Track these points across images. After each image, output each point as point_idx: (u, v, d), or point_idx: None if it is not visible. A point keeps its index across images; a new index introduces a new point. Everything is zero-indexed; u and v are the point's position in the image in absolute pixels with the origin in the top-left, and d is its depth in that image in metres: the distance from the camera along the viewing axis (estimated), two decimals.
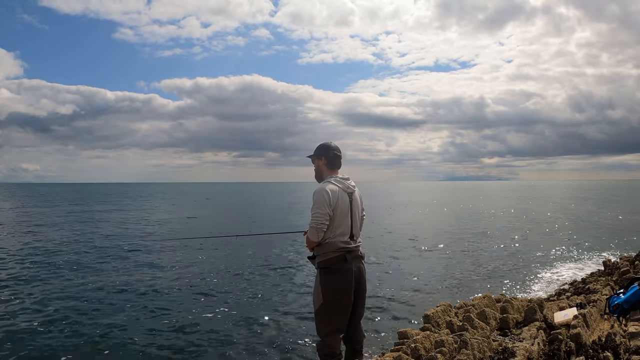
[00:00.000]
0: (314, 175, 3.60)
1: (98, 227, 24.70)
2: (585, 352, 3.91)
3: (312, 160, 3.60)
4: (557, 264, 13.77)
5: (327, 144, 3.52)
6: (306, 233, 3.59)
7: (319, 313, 3.34)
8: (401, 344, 4.78)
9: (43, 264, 13.35)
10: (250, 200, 65.87)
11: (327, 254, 3.29)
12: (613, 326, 4.77)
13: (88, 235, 20.94)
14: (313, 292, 3.42)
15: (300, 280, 11.35)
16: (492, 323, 5.42)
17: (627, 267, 8.73)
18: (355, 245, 3.38)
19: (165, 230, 24.03)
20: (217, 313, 8.58)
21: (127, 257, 14.67)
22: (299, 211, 38.19)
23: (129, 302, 9.31)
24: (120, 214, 35.51)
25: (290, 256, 14.72)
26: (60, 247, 17.04)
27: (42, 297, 9.61)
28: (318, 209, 3.23)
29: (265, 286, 10.81)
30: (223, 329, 7.67)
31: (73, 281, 11.15)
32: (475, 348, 4.19)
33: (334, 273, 3.27)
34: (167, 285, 10.77)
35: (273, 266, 13.17)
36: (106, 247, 17.00)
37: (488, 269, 13.06)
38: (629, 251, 14.23)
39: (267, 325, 7.85)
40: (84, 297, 9.65)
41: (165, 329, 7.65)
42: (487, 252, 16.20)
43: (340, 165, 3.53)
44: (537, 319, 5.39)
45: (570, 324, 4.57)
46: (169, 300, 9.52)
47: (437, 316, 5.46)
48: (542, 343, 4.46)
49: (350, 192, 3.40)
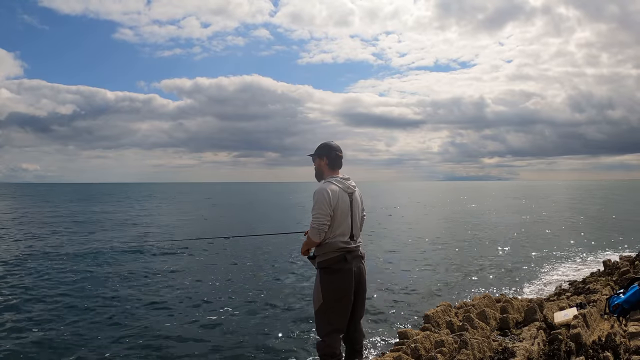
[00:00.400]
0: (314, 175, 3.60)
1: (98, 227, 24.69)
2: (585, 352, 3.91)
3: (313, 159, 3.58)
4: (557, 264, 13.77)
5: (328, 143, 3.52)
6: (306, 233, 3.57)
7: (318, 313, 3.34)
8: (401, 344, 4.79)
9: (40, 266, 13.34)
10: (250, 200, 65.85)
11: (327, 254, 3.29)
12: (613, 326, 4.78)
13: (87, 235, 20.94)
14: (313, 292, 3.42)
15: (300, 280, 11.34)
16: (492, 323, 5.43)
17: (627, 267, 8.74)
18: (356, 245, 3.38)
19: (163, 231, 24.03)
20: (216, 313, 8.57)
21: (126, 258, 14.66)
22: (301, 211, 38.18)
23: (125, 304, 9.30)
24: (119, 214, 35.51)
25: (290, 256, 14.71)
26: (56, 249, 17.03)
27: (40, 300, 9.60)
28: (319, 210, 3.22)
29: (265, 286, 10.80)
30: (222, 329, 7.67)
31: (70, 281, 11.15)
32: (475, 348, 4.20)
33: (334, 273, 3.27)
34: (165, 285, 10.77)
35: (272, 266, 13.17)
36: (104, 248, 16.98)
37: (488, 269, 13.06)
38: (629, 251, 14.24)
39: (267, 325, 7.85)
40: (84, 298, 9.65)
41: (165, 330, 7.64)
42: (487, 252, 16.19)
43: (341, 165, 3.53)
44: (537, 319, 5.40)
45: (570, 324, 4.58)
46: (168, 300, 9.51)
47: (437, 316, 5.46)
48: (542, 343, 4.46)
49: (350, 192, 3.39)
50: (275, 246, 16.65)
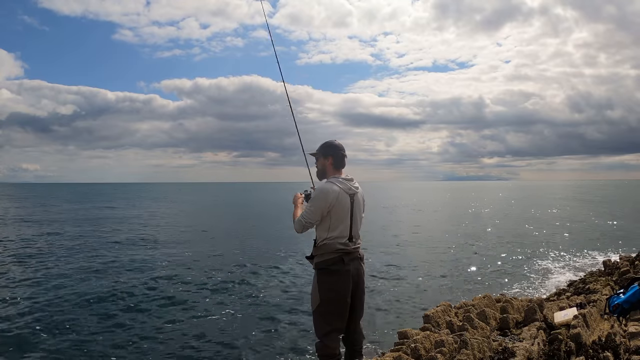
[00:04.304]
0: (315, 173, 3.55)
1: (97, 228, 24.68)
2: (585, 352, 3.90)
3: (317, 158, 3.53)
4: (557, 264, 13.76)
5: (333, 142, 3.45)
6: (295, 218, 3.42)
7: (316, 314, 3.32)
8: (401, 344, 4.77)
9: (39, 267, 13.34)
10: (250, 200, 65.82)
11: (324, 255, 3.26)
12: (613, 326, 4.77)
13: (86, 236, 20.93)
14: (311, 292, 3.40)
15: (299, 280, 11.34)
16: (492, 323, 5.42)
17: (627, 267, 8.73)
18: (354, 247, 3.34)
19: (162, 231, 24.02)
20: (216, 313, 8.56)
21: (124, 259, 14.65)
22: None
23: (124, 304, 9.30)
24: (119, 214, 35.50)
25: (289, 256, 14.71)
26: (55, 250, 17.02)
27: (41, 299, 9.59)
28: (312, 207, 3.21)
29: (264, 286, 10.80)
30: (221, 329, 7.66)
31: (70, 283, 11.14)
32: (475, 348, 4.19)
33: (331, 274, 3.25)
34: (162, 287, 10.76)
35: (272, 266, 13.16)
36: (104, 248, 16.98)
37: (488, 269, 13.06)
38: (629, 251, 14.23)
39: (266, 325, 7.84)
40: (84, 298, 9.64)
41: (163, 330, 7.63)
42: (487, 252, 16.18)
43: (344, 165, 3.46)
44: (537, 319, 5.38)
45: (570, 324, 4.57)
46: (166, 301, 9.51)
47: (437, 316, 5.45)
48: (542, 343, 4.45)
49: (352, 193, 3.34)
50: (274, 245, 16.65)
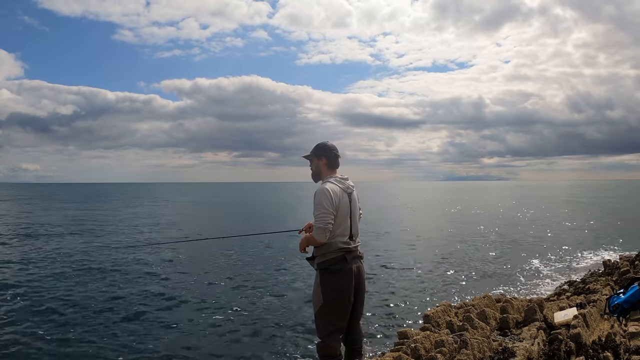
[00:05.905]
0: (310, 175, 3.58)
1: (96, 228, 24.68)
2: (585, 352, 3.91)
3: (311, 160, 3.57)
4: (557, 264, 13.77)
5: (325, 143, 3.50)
6: (301, 232, 3.53)
7: (319, 314, 3.32)
8: (401, 344, 4.78)
9: (38, 268, 13.34)
10: (250, 200, 65.82)
11: (326, 254, 3.27)
12: (613, 326, 4.77)
13: (86, 236, 20.92)
14: (313, 293, 3.40)
15: (299, 281, 11.34)
16: (492, 323, 5.42)
17: (627, 267, 8.73)
18: (355, 245, 3.36)
19: (161, 232, 24.01)
20: (215, 313, 8.57)
21: (123, 260, 14.65)
22: (302, 208, 38.17)
23: (124, 304, 9.30)
24: (118, 214, 35.50)
25: (289, 256, 14.70)
26: (54, 252, 17.02)
27: (40, 302, 9.60)
28: (322, 209, 3.19)
29: (264, 286, 10.80)
30: (221, 330, 7.66)
31: (73, 285, 11.14)
32: (475, 348, 4.19)
33: (333, 274, 3.25)
34: (161, 287, 10.77)
35: (271, 266, 13.16)
36: (102, 249, 16.96)
37: (488, 269, 13.06)
38: (629, 251, 14.23)
39: (266, 326, 7.84)
40: (83, 299, 9.64)
41: (164, 330, 7.64)
42: (487, 252, 16.19)
43: (338, 165, 3.51)
44: (537, 319, 5.39)
45: (570, 324, 4.57)
46: (168, 300, 9.51)
47: (437, 316, 5.45)
48: (542, 343, 4.46)
49: (349, 192, 3.37)
50: (274, 246, 16.65)
